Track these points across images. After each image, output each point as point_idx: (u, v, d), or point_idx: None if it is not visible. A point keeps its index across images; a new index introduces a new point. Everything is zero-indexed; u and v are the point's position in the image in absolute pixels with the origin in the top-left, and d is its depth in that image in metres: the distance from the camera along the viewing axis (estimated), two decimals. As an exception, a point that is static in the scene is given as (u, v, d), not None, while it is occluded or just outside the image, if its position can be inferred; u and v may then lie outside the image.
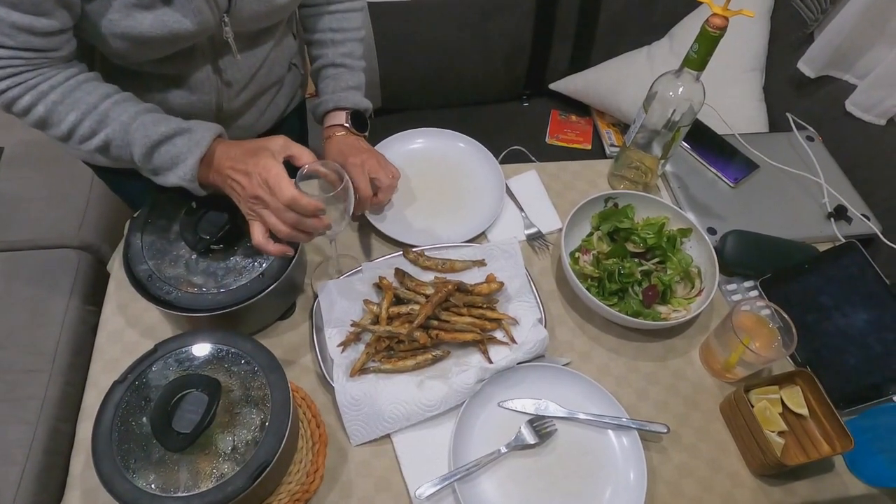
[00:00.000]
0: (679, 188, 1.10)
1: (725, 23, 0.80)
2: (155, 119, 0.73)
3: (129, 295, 0.89)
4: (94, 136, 0.72)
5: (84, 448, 0.78)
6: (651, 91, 0.94)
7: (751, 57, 1.43)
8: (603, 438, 0.81)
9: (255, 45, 0.90)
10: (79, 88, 0.72)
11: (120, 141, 0.73)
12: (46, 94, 0.70)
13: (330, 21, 0.99)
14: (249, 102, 0.97)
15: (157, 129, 0.72)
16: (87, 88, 0.72)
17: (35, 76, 0.70)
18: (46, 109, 0.71)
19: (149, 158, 0.73)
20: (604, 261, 0.94)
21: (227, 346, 0.72)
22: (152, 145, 0.72)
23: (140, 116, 0.73)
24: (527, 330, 0.87)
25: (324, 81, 0.99)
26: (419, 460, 0.78)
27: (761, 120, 1.39)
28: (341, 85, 0.98)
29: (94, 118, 0.72)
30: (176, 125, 0.73)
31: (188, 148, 0.72)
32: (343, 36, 0.99)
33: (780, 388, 0.84)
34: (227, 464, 0.65)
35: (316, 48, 1.01)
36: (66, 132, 0.72)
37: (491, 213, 1.02)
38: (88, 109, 0.71)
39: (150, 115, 0.74)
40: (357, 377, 0.82)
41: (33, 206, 1.41)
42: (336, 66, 0.99)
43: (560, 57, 1.63)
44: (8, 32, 0.65)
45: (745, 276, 1.00)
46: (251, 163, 0.71)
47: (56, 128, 0.72)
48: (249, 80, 0.93)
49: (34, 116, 0.71)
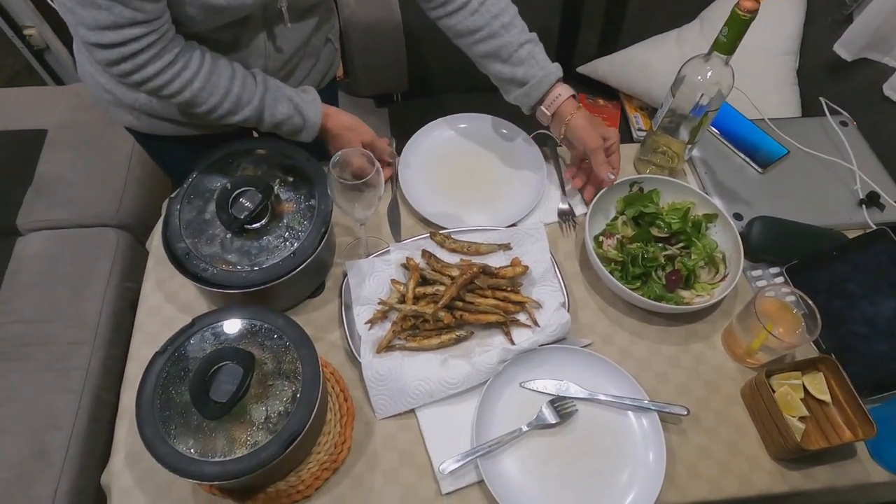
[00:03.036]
0: (706, 173, 1.09)
1: (757, 6, 0.79)
2: (273, 99, 0.88)
3: (167, 272, 0.93)
4: (232, 115, 0.87)
5: (127, 415, 0.82)
6: (679, 75, 0.94)
7: (785, 39, 1.40)
8: (623, 420, 0.83)
9: (305, 17, 0.95)
10: (213, 73, 0.84)
11: (253, 122, 0.89)
12: (191, 81, 0.82)
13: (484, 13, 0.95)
14: (291, 71, 1.02)
15: (273, 115, 0.88)
16: (218, 71, 0.84)
17: (175, 59, 0.81)
18: (192, 95, 0.84)
19: (278, 130, 0.91)
20: (628, 245, 0.94)
21: (260, 321, 0.75)
22: (275, 125, 0.90)
23: (264, 99, 0.88)
24: (550, 313, 0.89)
25: (524, 65, 0.95)
26: (442, 436, 0.81)
27: (793, 104, 1.37)
28: (541, 57, 0.96)
29: (231, 102, 0.86)
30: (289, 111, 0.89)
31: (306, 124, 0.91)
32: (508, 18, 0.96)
33: (802, 374, 0.84)
34: (261, 433, 0.69)
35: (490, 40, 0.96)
36: (206, 111, 0.86)
37: (525, 206, 1.02)
38: (224, 94, 0.85)
39: (270, 94, 0.88)
40: (383, 354, 0.85)
41: (75, 186, 1.48)
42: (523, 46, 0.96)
43: (588, 40, 1.61)
44: (137, 6, 0.73)
45: (771, 263, 0.99)
46: None
47: (198, 108, 0.86)
48: (297, 49, 0.98)
49: (180, 100, 0.84)
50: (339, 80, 1.89)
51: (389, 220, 1.01)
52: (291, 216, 0.84)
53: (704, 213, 0.97)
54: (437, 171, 1.07)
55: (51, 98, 1.63)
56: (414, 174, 1.05)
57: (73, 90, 1.64)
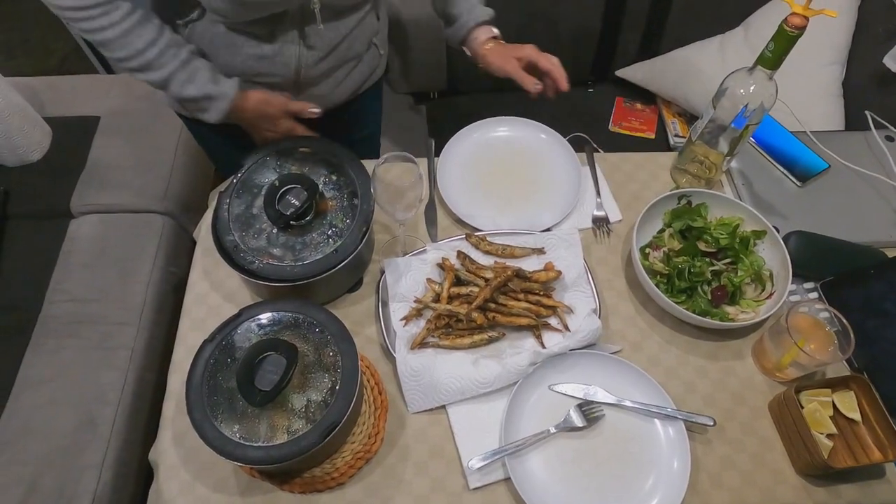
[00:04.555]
0: (743, 185, 1.09)
1: (805, 23, 0.79)
2: (187, 77, 0.92)
3: (213, 262, 0.98)
4: (138, 73, 0.91)
5: (174, 397, 0.87)
6: (721, 87, 0.94)
7: (832, 50, 1.37)
8: (649, 427, 0.84)
9: (340, 18, 0.97)
10: (131, 33, 0.87)
11: (158, 86, 0.93)
12: (105, 28, 0.85)
13: None
14: (327, 73, 1.04)
15: (188, 90, 0.92)
16: (139, 31, 0.87)
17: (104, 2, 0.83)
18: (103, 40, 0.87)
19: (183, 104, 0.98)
20: (674, 258, 0.95)
21: (303, 314, 0.79)
22: (183, 99, 0.94)
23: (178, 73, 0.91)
24: (581, 319, 0.90)
25: (455, 8, 1.06)
26: (471, 432, 0.84)
27: (837, 117, 1.35)
28: (472, 2, 1.05)
29: (139, 62, 0.89)
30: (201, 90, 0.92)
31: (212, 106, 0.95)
32: None
33: (832, 392, 0.84)
34: (301, 421, 0.72)
35: None
36: (114, 59, 0.90)
37: (560, 212, 1.03)
38: (135, 54, 0.88)
39: (185, 71, 0.91)
40: (417, 350, 0.88)
41: (124, 172, 1.54)
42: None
43: (629, 43, 1.61)
44: None
45: (805, 278, 0.99)
46: None
47: (107, 53, 0.89)
48: (330, 50, 1.00)
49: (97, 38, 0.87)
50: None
51: (426, 220, 1.04)
52: (334, 214, 0.87)
53: (752, 229, 0.96)
54: (475, 172, 1.09)
55: (103, 86, 1.69)
56: (452, 175, 1.08)
57: (124, 79, 1.71)
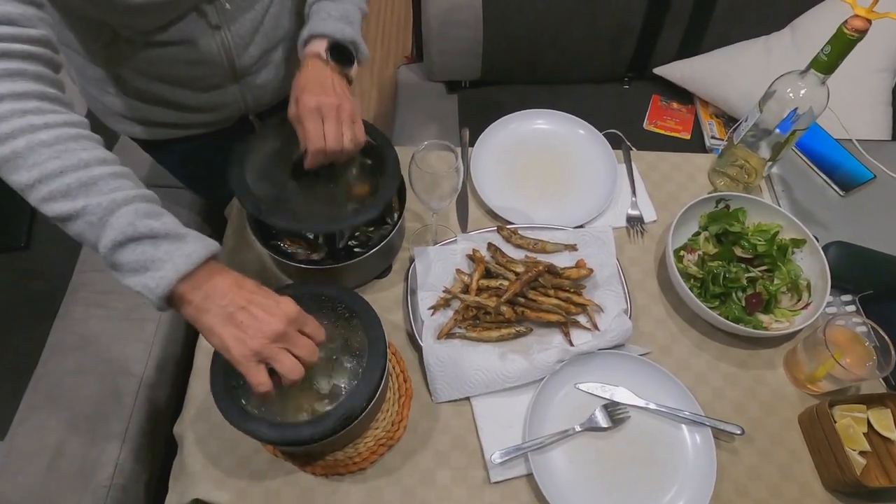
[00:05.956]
0: (783, 191, 1.06)
1: (867, 26, 0.76)
2: (150, 210, 0.61)
3: (242, 241, 0.98)
4: (67, 198, 0.58)
5: (200, 374, 0.88)
6: (769, 89, 0.91)
7: (883, 55, 1.33)
8: (675, 431, 0.83)
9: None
10: (76, 140, 0.60)
11: (96, 219, 0.58)
12: (38, 129, 0.58)
13: None
14: (262, 58, 0.96)
15: (146, 223, 0.59)
16: (86, 144, 0.60)
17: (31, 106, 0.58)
18: (27, 146, 0.57)
19: (117, 251, 0.59)
20: (709, 262, 0.93)
21: (334, 298, 0.78)
22: (129, 238, 0.58)
23: (136, 202, 0.60)
24: (610, 318, 0.89)
25: (308, 21, 0.86)
26: (495, 426, 0.83)
27: (885, 125, 1.31)
28: (322, 15, 0.85)
29: (80, 178, 0.58)
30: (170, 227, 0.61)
31: (171, 258, 0.59)
32: None
33: (867, 408, 0.82)
34: (325, 404, 0.72)
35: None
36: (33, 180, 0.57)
37: (594, 208, 1.02)
38: (77, 166, 0.58)
39: (148, 204, 0.61)
40: (443, 340, 0.87)
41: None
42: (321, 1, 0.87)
43: (669, 41, 1.57)
44: None
45: (844, 290, 0.97)
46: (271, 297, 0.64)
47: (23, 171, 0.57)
48: (254, 32, 0.91)
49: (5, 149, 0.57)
50: (409, 61, 1.89)
51: (458, 210, 1.03)
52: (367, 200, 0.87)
53: (791, 237, 0.94)
54: (509, 164, 1.08)
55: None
56: (485, 166, 1.07)
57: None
